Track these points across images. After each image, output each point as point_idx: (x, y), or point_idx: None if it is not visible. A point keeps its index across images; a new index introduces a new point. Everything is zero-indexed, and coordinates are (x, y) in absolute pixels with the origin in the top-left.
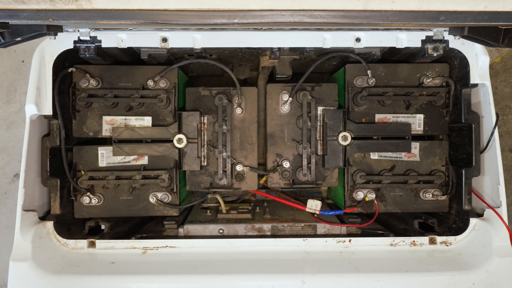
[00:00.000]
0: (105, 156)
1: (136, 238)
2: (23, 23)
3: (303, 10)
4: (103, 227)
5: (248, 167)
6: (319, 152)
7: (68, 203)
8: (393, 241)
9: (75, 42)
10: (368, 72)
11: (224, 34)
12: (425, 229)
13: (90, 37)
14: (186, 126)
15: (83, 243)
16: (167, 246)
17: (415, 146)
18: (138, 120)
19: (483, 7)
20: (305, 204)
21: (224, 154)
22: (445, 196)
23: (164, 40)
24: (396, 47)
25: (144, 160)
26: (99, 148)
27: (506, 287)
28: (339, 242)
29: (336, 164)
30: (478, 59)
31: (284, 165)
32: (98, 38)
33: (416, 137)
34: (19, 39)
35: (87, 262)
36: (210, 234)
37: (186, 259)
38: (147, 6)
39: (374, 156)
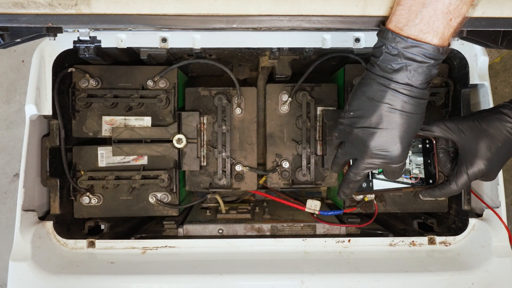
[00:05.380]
0: (105, 156)
1: (135, 238)
2: (22, 26)
3: (302, 15)
4: (102, 227)
5: (247, 167)
6: (319, 152)
7: (67, 203)
8: (392, 241)
9: (74, 42)
10: None
11: (224, 34)
12: (424, 229)
13: (90, 37)
14: (186, 126)
15: (82, 243)
16: (166, 246)
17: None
18: (137, 120)
19: (481, 13)
20: (304, 204)
21: (223, 154)
22: None
23: (164, 40)
24: None
25: (144, 160)
26: (98, 148)
27: (505, 287)
28: (338, 242)
29: None
30: (478, 59)
31: (284, 165)
32: (98, 38)
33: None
34: (18, 40)
35: (87, 262)
36: (209, 234)
37: (185, 259)
38: (146, 11)
39: None
